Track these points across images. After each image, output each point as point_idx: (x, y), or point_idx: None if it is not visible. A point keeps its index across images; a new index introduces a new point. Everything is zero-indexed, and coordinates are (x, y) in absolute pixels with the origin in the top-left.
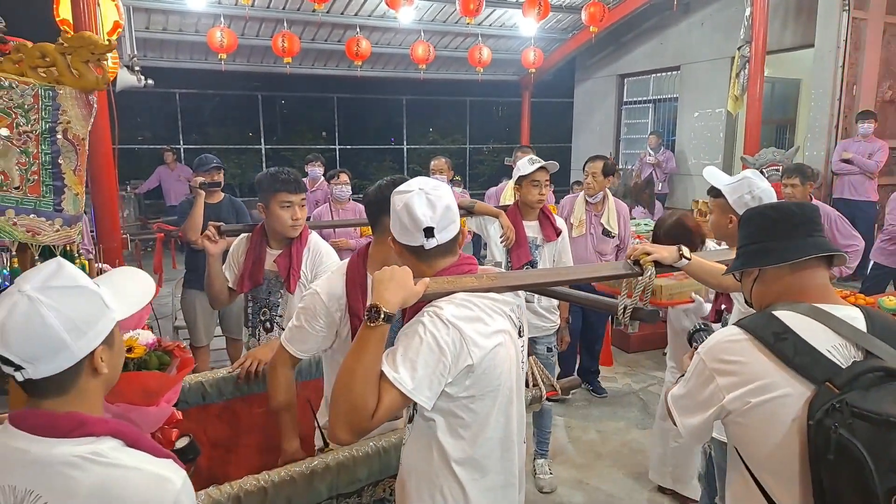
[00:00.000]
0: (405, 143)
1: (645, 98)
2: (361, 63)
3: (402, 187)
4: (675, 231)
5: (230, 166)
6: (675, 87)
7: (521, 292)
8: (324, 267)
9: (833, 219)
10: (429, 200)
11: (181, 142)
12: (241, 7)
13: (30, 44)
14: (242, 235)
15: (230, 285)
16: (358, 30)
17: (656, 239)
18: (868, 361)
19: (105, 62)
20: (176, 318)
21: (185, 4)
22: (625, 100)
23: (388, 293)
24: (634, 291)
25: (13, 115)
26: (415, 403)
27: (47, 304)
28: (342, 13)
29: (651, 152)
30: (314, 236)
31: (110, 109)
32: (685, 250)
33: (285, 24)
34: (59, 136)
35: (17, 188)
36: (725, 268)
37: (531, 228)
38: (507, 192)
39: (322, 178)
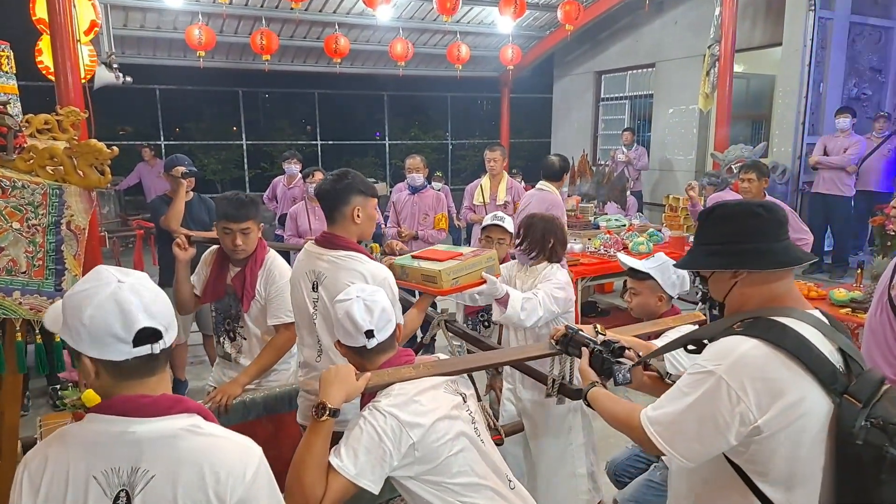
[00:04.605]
0: (387, 138)
1: (621, 94)
2: (340, 60)
3: (341, 296)
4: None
5: (211, 162)
6: (651, 83)
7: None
8: (275, 287)
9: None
10: (366, 306)
11: (162, 138)
12: (218, 5)
13: (41, 146)
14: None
15: (197, 292)
16: (336, 27)
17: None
18: (870, 373)
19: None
20: None
21: (162, 2)
22: (602, 96)
23: (332, 390)
24: (562, 367)
25: (24, 212)
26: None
27: (140, 288)
28: (320, 11)
29: (624, 149)
30: (271, 255)
31: (87, 106)
32: (600, 328)
33: (263, 21)
34: (64, 227)
35: (23, 273)
36: (637, 337)
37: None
38: (478, 191)
39: (299, 175)
